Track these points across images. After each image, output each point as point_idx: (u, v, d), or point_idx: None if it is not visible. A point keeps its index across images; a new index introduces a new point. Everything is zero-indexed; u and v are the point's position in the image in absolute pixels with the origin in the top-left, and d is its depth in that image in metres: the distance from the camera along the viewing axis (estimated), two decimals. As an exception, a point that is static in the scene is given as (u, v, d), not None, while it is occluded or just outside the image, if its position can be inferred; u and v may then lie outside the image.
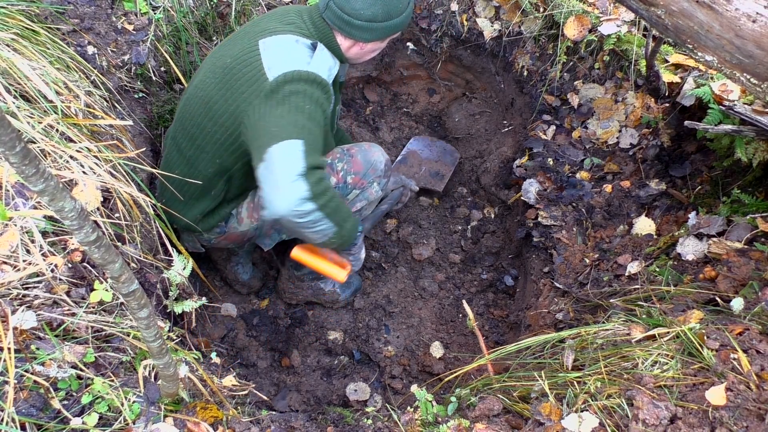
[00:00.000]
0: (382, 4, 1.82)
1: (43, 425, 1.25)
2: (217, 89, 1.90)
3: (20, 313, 1.37)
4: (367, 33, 1.89)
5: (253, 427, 1.52)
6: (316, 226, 1.74)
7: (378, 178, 2.28)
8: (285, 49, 1.83)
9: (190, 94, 2.03)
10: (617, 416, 1.34)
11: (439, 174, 3.11)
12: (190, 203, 2.12)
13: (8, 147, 0.70)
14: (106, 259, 0.93)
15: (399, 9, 1.86)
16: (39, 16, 2.06)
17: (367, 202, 2.32)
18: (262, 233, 2.32)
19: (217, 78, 1.91)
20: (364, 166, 2.24)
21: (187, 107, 2.03)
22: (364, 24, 1.85)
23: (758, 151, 1.89)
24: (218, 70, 1.92)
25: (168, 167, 2.12)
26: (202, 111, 1.95)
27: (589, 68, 2.61)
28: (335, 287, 2.71)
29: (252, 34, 1.92)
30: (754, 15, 1.43)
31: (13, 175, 1.56)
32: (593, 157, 2.53)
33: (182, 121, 2.05)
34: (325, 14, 1.89)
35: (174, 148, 2.10)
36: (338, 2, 1.83)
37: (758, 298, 1.57)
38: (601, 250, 2.27)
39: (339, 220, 1.80)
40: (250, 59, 1.84)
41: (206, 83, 1.95)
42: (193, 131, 2.00)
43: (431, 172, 3.11)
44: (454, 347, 2.70)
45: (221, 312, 2.63)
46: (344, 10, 1.84)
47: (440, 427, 1.49)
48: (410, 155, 3.16)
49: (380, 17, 1.85)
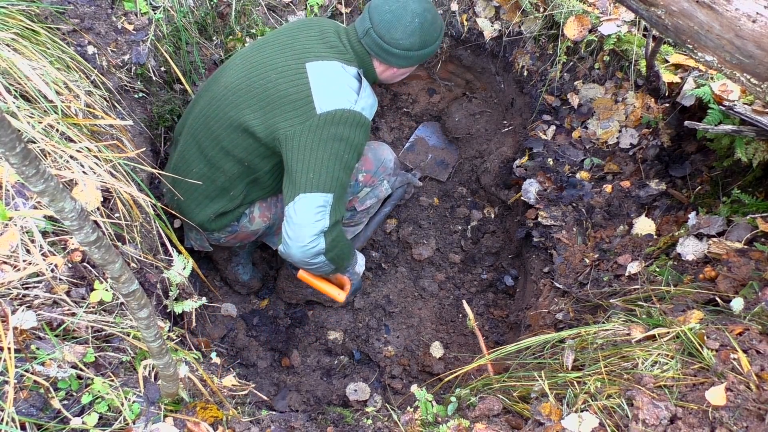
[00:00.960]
0: (420, 35, 1.94)
1: (43, 425, 1.25)
2: (256, 100, 1.91)
3: (20, 313, 1.37)
4: (403, 60, 2.00)
5: (253, 427, 1.52)
6: (321, 268, 2.02)
7: (388, 176, 2.36)
8: (334, 79, 1.91)
9: (219, 95, 2.01)
10: (617, 416, 1.34)
11: (444, 162, 3.13)
12: (204, 202, 2.11)
13: (8, 147, 0.70)
14: (107, 259, 0.93)
15: (433, 38, 1.99)
16: (39, 16, 2.06)
17: (377, 200, 2.38)
18: (272, 232, 2.33)
19: (256, 88, 1.92)
20: (375, 164, 2.30)
21: (215, 108, 2.01)
22: (402, 52, 1.97)
23: (758, 151, 1.89)
24: (257, 80, 1.93)
25: (184, 164, 2.10)
26: (233, 115, 1.95)
27: (589, 68, 2.61)
28: (335, 287, 2.72)
29: (295, 51, 1.95)
30: (754, 15, 1.43)
31: (13, 175, 1.56)
32: (593, 157, 2.53)
33: (206, 120, 2.03)
34: (364, 40, 1.98)
35: (193, 146, 2.08)
36: (379, 32, 1.93)
37: (758, 298, 1.57)
38: (601, 250, 2.27)
39: (340, 264, 2.07)
40: (298, 81, 1.89)
41: (241, 89, 1.95)
42: (219, 133, 1.99)
43: (437, 161, 3.13)
44: (454, 347, 2.70)
45: (221, 312, 2.63)
46: (384, 39, 1.94)
47: (440, 427, 1.49)
48: (418, 142, 3.18)
49: (417, 46, 1.97)
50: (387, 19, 1.91)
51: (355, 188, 2.29)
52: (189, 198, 2.11)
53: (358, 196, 2.32)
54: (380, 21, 1.91)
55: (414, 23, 1.91)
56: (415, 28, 1.92)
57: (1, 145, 0.69)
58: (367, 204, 2.37)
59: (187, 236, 2.35)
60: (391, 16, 1.90)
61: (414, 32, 1.93)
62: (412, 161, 3.14)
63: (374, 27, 1.93)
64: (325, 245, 1.89)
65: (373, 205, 2.41)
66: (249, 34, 2.65)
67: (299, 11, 2.72)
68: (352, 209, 2.36)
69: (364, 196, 2.34)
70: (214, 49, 2.61)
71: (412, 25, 1.91)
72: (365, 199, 2.36)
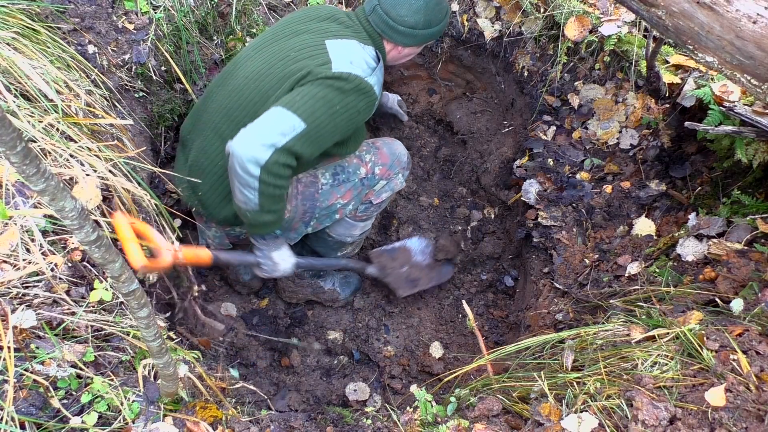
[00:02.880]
0: (425, 13, 1.98)
1: (43, 424, 1.25)
2: (277, 79, 1.95)
3: (20, 312, 1.37)
4: (407, 38, 2.04)
5: (253, 426, 1.52)
6: (245, 190, 1.85)
7: (402, 169, 2.39)
8: (353, 53, 1.95)
9: (240, 86, 2.02)
10: (617, 417, 1.34)
11: (413, 282, 2.71)
12: (229, 197, 2.05)
13: (9, 147, 0.70)
14: (107, 258, 0.93)
15: (438, 19, 2.03)
16: (39, 15, 2.06)
17: (392, 193, 2.40)
18: (289, 227, 2.33)
19: (278, 71, 1.96)
20: (390, 157, 2.33)
21: (237, 98, 2.02)
22: (406, 30, 2.01)
23: (758, 152, 1.89)
24: (278, 63, 1.97)
25: (206, 158, 2.08)
26: (258, 100, 1.97)
27: (590, 69, 2.61)
28: (335, 286, 2.72)
29: (312, 32, 2.00)
30: (754, 16, 1.43)
31: (13, 174, 1.56)
32: (593, 158, 2.53)
33: (228, 112, 2.04)
34: (371, 17, 2.03)
35: (216, 140, 2.07)
36: (385, 8, 1.99)
37: (758, 299, 1.57)
38: (601, 250, 2.27)
39: (265, 206, 1.89)
40: (317, 53, 1.94)
41: (262, 74, 1.98)
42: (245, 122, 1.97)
43: (407, 277, 2.70)
44: (454, 347, 2.70)
45: (221, 311, 2.63)
46: (390, 16, 1.99)
47: (439, 427, 1.49)
48: (402, 250, 2.76)
49: (421, 25, 2.01)
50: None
51: (371, 181, 2.31)
52: (214, 194, 2.10)
53: (374, 189, 2.34)
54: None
55: (419, 1, 1.97)
56: (420, 6, 1.97)
57: (2, 144, 0.69)
58: (382, 197, 2.39)
59: (202, 235, 2.34)
60: None
61: (419, 10, 1.98)
62: (384, 265, 2.66)
63: (380, 4, 2.00)
64: (267, 159, 1.78)
65: (387, 199, 2.43)
66: (249, 33, 2.65)
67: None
68: (367, 202, 2.38)
69: (379, 189, 2.36)
70: (215, 48, 2.61)
71: (417, 3, 1.97)
72: (381, 192, 2.38)
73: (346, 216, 2.38)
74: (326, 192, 2.23)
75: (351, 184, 2.27)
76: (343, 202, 2.29)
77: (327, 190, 2.23)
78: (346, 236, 2.47)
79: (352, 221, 2.42)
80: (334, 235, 2.47)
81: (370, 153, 2.31)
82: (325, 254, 2.59)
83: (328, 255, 2.59)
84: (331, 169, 2.24)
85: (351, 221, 2.42)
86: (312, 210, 2.24)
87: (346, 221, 2.41)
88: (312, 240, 2.57)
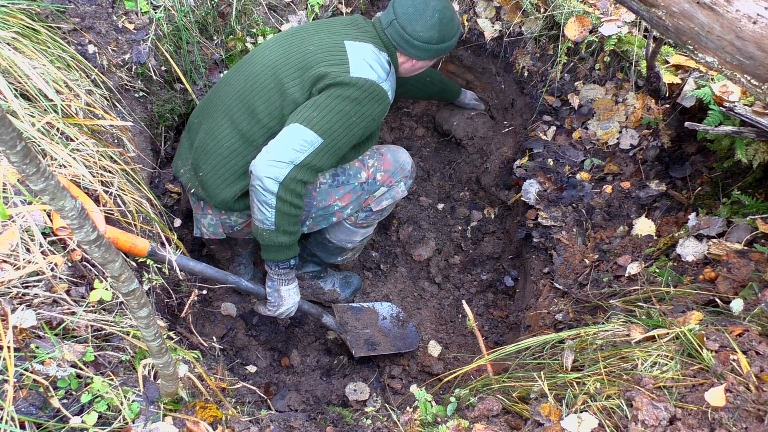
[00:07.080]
0: (439, 29, 2.10)
1: (43, 424, 1.25)
2: (294, 68, 2.04)
3: (20, 312, 1.36)
4: (422, 52, 2.15)
5: (252, 426, 1.52)
6: (263, 207, 1.97)
7: (405, 178, 2.38)
8: (370, 57, 2.06)
9: (256, 72, 2.11)
10: (616, 417, 1.34)
11: (372, 345, 2.61)
12: (230, 179, 2.12)
13: (9, 146, 0.70)
14: (106, 258, 0.93)
15: (451, 34, 2.15)
16: (39, 14, 2.06)
17: (393, 201, 2.38)
18: None
19: (295, 61, 2.05)
20: (394, 165, 2.33)
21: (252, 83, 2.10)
22: (421, 44, 2.12)
23: (758, 153, 1.89)
24: (296, 53, 2.07)
25: (213, 140, 2.13)
26: (273, 87, 2.05)
27: (590, 69, 2.61)
28: (335, 286, 2.72)
29: (331, 32, 2.12)
30: (754, 16, 1.43)
31: (13, 173, 1.56)
32: (593, 158, 2.53)
33: (242, 96, 2.10)
34: (388, 31, 2.14)
35: (225, 122, 2.12)
36: (402, 23, 2.09)
37: (758, 299, 1.57)
38: (601, 250, 2.27)
39: (281, 226, 2.01)
40: (336, 51, 2.04)
41: (280, 63, 2.08)
42: (258, 105, 2.07)
43: (368, 339, 2.61)
44: (454, 347, 2.70)
45: (221, 311, 2.63)
46: (406, 30, 2.10)
47: (439, 427, 1.49)
48: (368, 311, 2.68)
49: (435, 40, 2.12)
50: (410, 12, 2.07)
51: (372, 186, 2.30)
52: (215, 175, 2.12)
53: (374, 195, 2.32)
54: (403, 14, 2.08)
55: (434, 18, 2.07)
56: (435, 22, 2.08)
57: (1, 143, 0.69)
58: (382, 204, 2.36)
59: (198, 224, 2.33)
60: (414, 9, 2.07)
61: (434, 26, 2.08)
62: (342, 317, 2.59)
63: (397, 19, 2.09)
64: (285, 176, 1.91)
65: (388, 206, 2.41)
66: (250, 33, 2.65)
67: (300, 11, 2.72)
68: (367, 209, 2.36)
69: (380, 195, 2.34)
70: (215, 48, 2.61)
71: (432, 20, 2.07)
72: (381, 200, 2.35)
73: (344, 221, 2.36)
74: (324, 191, 2.23)
75: (350, 187, 2.26)
76: (341, 205, 2.27)
77: (325, 189, 2.23)
78: (347, 242, 2.46)
79: (352, 228, 2.40)
80: (335, 241, 2.46)
81: (374, 158, 2.30)
82: (325, 259, 2.59)
83: (328, 260, 2.59)
84: (331, 170, 2.24)
85: (351, 228, 2.40)
86: (308, 208, 2.23)
87: (346, 227, 2.40)
88: (312, 244, 2.56)
